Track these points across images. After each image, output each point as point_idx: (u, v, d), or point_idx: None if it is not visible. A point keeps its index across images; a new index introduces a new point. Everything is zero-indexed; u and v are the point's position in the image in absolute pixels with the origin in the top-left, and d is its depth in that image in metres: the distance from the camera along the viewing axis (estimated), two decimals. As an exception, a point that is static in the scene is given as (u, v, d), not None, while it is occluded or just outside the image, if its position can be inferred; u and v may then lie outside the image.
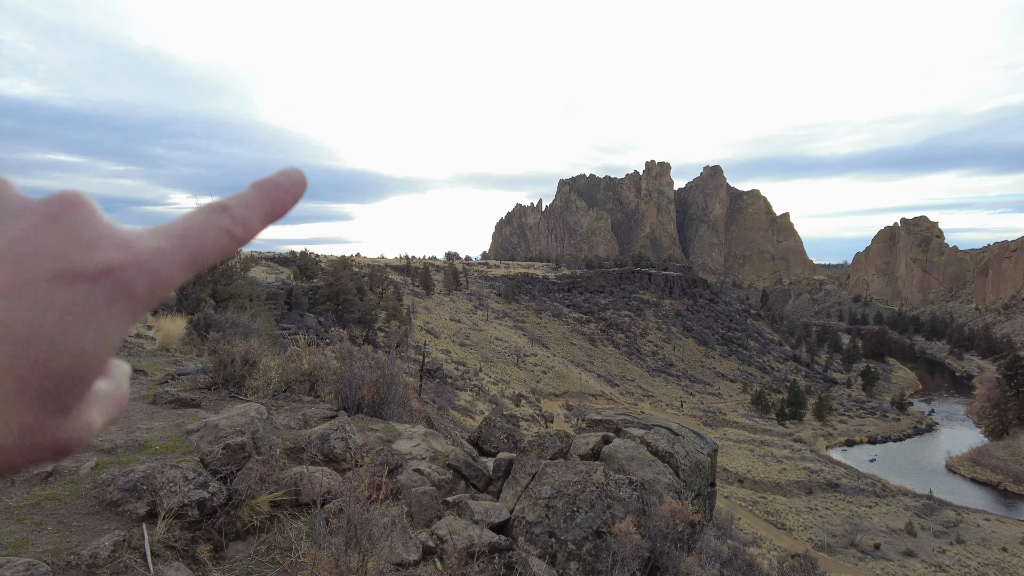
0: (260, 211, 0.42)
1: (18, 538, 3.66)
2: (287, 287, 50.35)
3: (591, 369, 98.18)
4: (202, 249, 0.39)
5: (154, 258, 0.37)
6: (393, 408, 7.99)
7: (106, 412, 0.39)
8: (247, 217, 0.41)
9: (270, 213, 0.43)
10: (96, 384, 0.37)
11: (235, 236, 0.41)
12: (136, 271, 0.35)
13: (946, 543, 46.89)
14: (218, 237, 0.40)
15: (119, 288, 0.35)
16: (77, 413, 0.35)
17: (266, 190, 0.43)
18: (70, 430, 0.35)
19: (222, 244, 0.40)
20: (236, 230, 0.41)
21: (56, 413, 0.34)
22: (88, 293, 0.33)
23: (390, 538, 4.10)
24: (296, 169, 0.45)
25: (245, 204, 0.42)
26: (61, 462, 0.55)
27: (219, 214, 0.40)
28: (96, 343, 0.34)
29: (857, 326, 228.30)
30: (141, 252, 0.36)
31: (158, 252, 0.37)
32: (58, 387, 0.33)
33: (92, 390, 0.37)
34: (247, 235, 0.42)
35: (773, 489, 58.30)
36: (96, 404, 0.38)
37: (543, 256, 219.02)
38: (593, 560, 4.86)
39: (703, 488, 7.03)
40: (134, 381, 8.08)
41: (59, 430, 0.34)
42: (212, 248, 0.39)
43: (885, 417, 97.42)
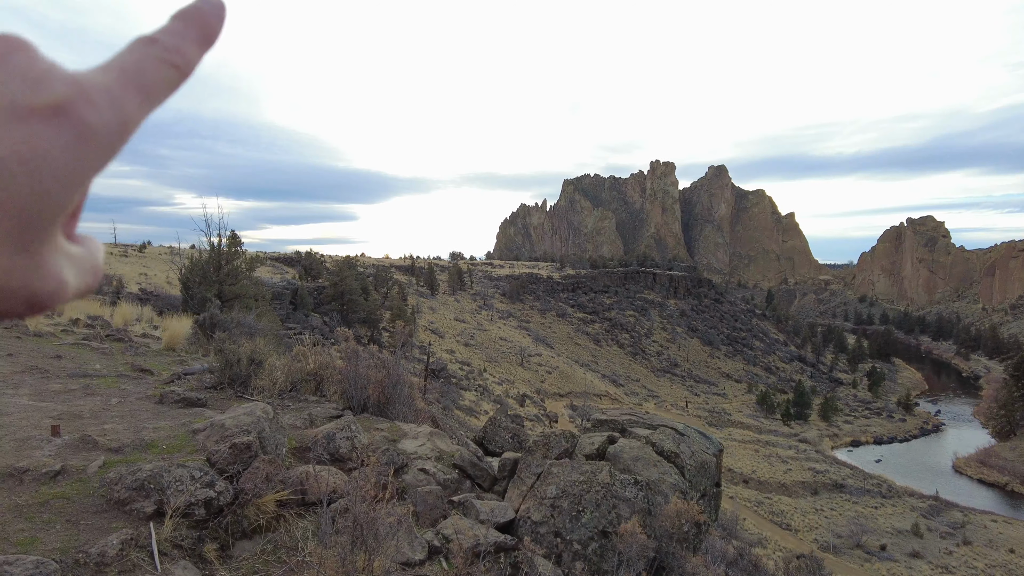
0: (190, 38, 0.42)
1: (27, 536, 3.69)
2: (292, 287, 50.49)
3: (595, 369, 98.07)
4: (146, 82, 0.39)
5: (107, 94, 0.36)
6: (398, 408, 8.00)
7: (81, 276, 0.39)
8: (179, 44, 0.41)
9: (200, 40, 0.43)
10: (66, 244, 0.38)
11: (174, 64, 0.41)
12: (89, 107, 0.35)
13: (953, 544, 46.64)
14: (158, 68, 0.40)
15: (76, 126, 0.34)
16: (44, 259, 0.35)
17: (188, 15, 0.43)
18: (38, 276, 0.35)
19: (164, 75, 0.40)
20: (174, 58, 0.41)
21: (20, 253, 0.34)
22: (43, 130, 0.33)
23: (396, 537, 4.11)
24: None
25: (172, 33, 0.42)
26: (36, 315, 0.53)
27: (150, 46, 0.40)
28: (56, 182, 0.33)
29: (863, 326, 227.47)
30: (90, 88, 0.36)
31: (109, 88, 0.37)
32: (19, 223, 0.33)
33: (60, 243, 0.37)
34: (185, 64, 0.42)
35: (778, 490, 58.11)
36: (67, 261, 0.38)
37: (548, 256, 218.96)
38: (599, 560, 4.86)
39: (708, 488, 7.02)
40: (141, 380, 8.12)
41: (26, 274, 0.34)
42: (155, 80, 0.39)
43: (891, 418, 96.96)
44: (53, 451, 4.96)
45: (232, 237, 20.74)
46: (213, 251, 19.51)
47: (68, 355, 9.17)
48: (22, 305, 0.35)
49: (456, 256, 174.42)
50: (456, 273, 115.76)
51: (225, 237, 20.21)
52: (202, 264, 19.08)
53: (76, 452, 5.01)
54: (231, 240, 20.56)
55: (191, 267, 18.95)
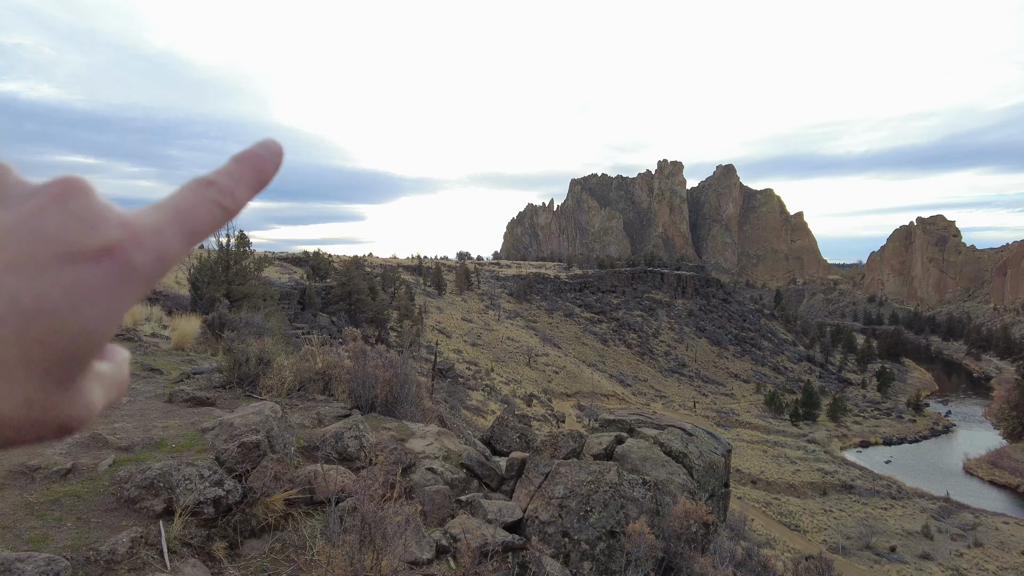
0: (245, 182, 0.44)
1: (39, 534, 3.71)
2: (300, 287, 50.71)
3: (603, 369, 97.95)
4: (196, 223, 0.40)
5: (153, 235, 0.38)
6: (406, 407, 8.01)
7: (107, 393, 0.40)
8: (234, 189, 0.43)
9: (255, 183, 0.44)
10: (97, 365, 0.39)
11: (225, 208, 0.42)
12: (137, 248, 0.37)
13: (964, 546, 46.33)
14: (210, 210, 0.41)
15: (121, 266, 0.36)
16: (79, 390, 0.37)
17: (248, 162, 0.45)
18: (72, 406, 0.36)
19: (214, 216, 0.41)
20: (226, 202, 0.42)
21: (59, 388, 0.35)
22: (92, 271, 0.35)
23: (404, 536, 4.11)
24: (273, 139, 0.47)
25: (230, 177, 0.43)
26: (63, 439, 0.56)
27: (207, 188, 0.42)
28: (99, 320, 0.35)
29: (872, 326, 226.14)
30: (140, 230, 0.37)
31: (156, 229, 0.38)
32: (61, 362, 0.34)
33: (93, 369, 0.38)
34: (236, 206, 0.43)
35: (787, 490, 57.87)
36: (98, 383, 0.39)
37: (555, 256, 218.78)
38: (607, 560, 4.85)
39: (717, 489, 6.99)
40: (150, 380, 8.16)
41: (62, 405, 0.36)
42: (205, 221, 0.41)
43: (901, 418, 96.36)
44: (64, 449, 4.99)
45: (240, 237, 20.83)
46: (222, 251, 19.62)
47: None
48: (53, 433, 0.36)
49: (463, 256, 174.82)
50: (463, 273, 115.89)
51: (233, 237, 20.33)
52: (211, 264, 19.19)
53: (86, 450, 5.04)
54: (239, 240, 20.65)
55: (200, 267, 19.06)
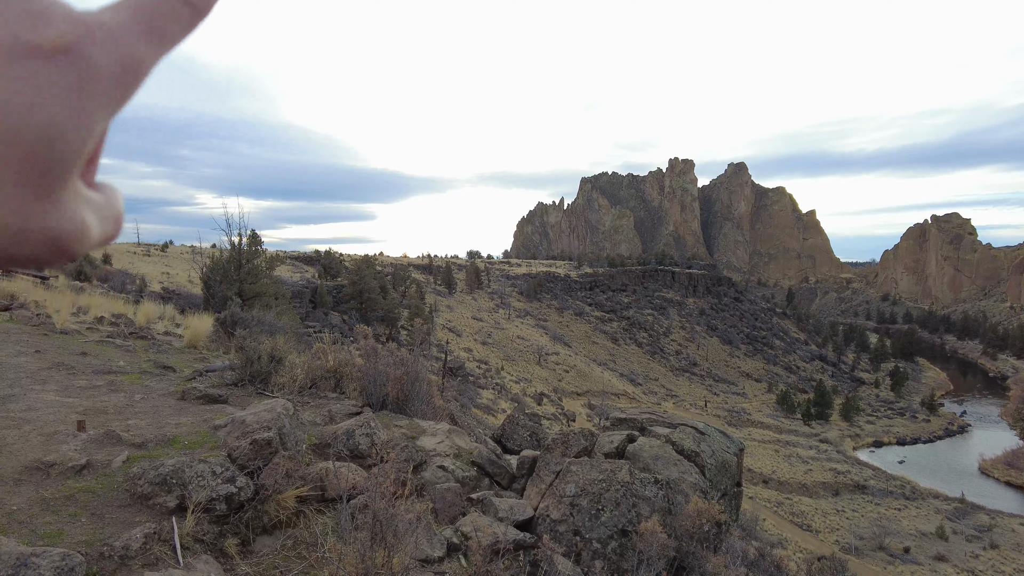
0: None
1: (54, 529, 3.74)
2: (312, 286, 50.99)
3: (613, 368, 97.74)
4: (160, 21, 0.37)
5: (115, 33, 0.35)
6: (417, 405, 8.02)
7: (102, 223, 0.38)
8: None
9: None
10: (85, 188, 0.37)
11: (193, 6, 0.38)
12: (94, 46, 0.34)
13: (979, 548, 45.80)
14: (175, 8, 0.37)
15: (79, 65, 0.33)
16: (63, 202, 0.35)
17: None
18: (58, 218, 0.34)
19: (180, 14, 0.38)
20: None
21: (37, 194, 0.33)
22: (46, 68, 0.32)
23: (415, 534, 4.11)
24: None
25: None
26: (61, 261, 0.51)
27: None
28: (64, 122, 0.33)
29: (885, 325, 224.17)
30: (99, 27, 0.35)
31: (117, 26, 0.35)
32: (33, 162, 0.32)
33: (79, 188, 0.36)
34: (204, 4, 0.39)
35: (799, 490, 57.49)
36: (88, 207, 0.37)
37: (565, 255, 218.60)
38: (618, 559, 4.82)
39: (729, 488, 6.95)
40: (163, 377, 8.23)
41: (47, 216, 0.34)
42: (170, 19, 0.37)
43: (915, 418, 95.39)
44: (79, 446, 5.04)
45: (252, 236, 20.95)
46: (234, 250, 19.74)
47: (93, 352, 9.32)
48: (45, 249, 0.35)
49: (473, 255, 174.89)
50: (473, 272, 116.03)
51: (245, 236, 20.44)
52: (223, 263, 19.32)
53: (101, 447, 5.08)
54: (251, 239, 20.77)
55: (212, 266, 19.20)
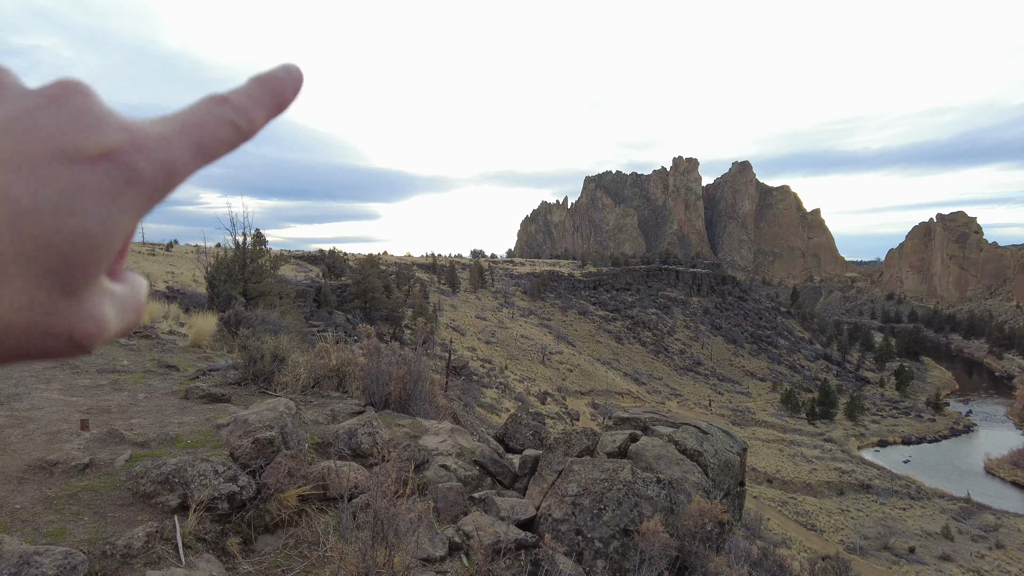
0: (261, 103, 0.42)
1: (56, 528, 3.76)
2: (316, 285, 51.06)
3: (617, 367, 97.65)
4: (206, 138, 0.39)
5: (159, 144, 0.36)
6: (420, 404, 8.03)
7: (122, 316, 0.39)
8: (249, 109, 0.41)
9: (271, 106, 0.42)
10: (109, 284, 0.38)
11: (238, 127, 0.40)
12: (140, 155, 0.35)
13: (985, 548, 45.59)
14: (221, 127, 0.39)
15: (123, 172, 0.34)
16: (86, 300, 0.35)
17: (266, 83, 0.43)
18: (79, 317, 0.35)
19: (226, 134, 0.40)
20: (240, 121, 0.40)
21: (63, 294, 0.34)
22: (91, 174, 0.33)
23: (416, 533, 4.11)
24: (295, 64, 0.44)
25: (246, 96, 0.41)
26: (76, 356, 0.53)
27: (220, 105, 0.40)
28: (101, 225, 0.33)
29: (890, 324, 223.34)
30: (145, 137, 0.36)
31: (162, 138, 0.37)
32: (62, 265, 0.33)
33: (103, 284, 0.37)
34: (251, 127, 0.41)
35: (803, 489, 57.33)
36: (109, 301, 0.38)
37: (569, 254, 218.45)
38: (620, 559, 4.81)
39: (732, 487, 6.93)
40: (167, 376, 8.25)
41: (69, 315, 0.34)
42: (216, 138, 0.39)
43: (920, 417, 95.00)
44: (82, 444, 5.05)
45: (256, 236, 21.01)
46: (238, 249, 19.77)
47: (97, 351, 9.35)
48: (63, 346, 0.35)
49: (477, 254, 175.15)
50: (477, 271, 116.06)
51: (250, 236, 20.46)
52: (227, 262, 19.34)
53: (104, 446, 5.10)
54: (255, 239, 20.82)
55: (216, 265, 19.22)
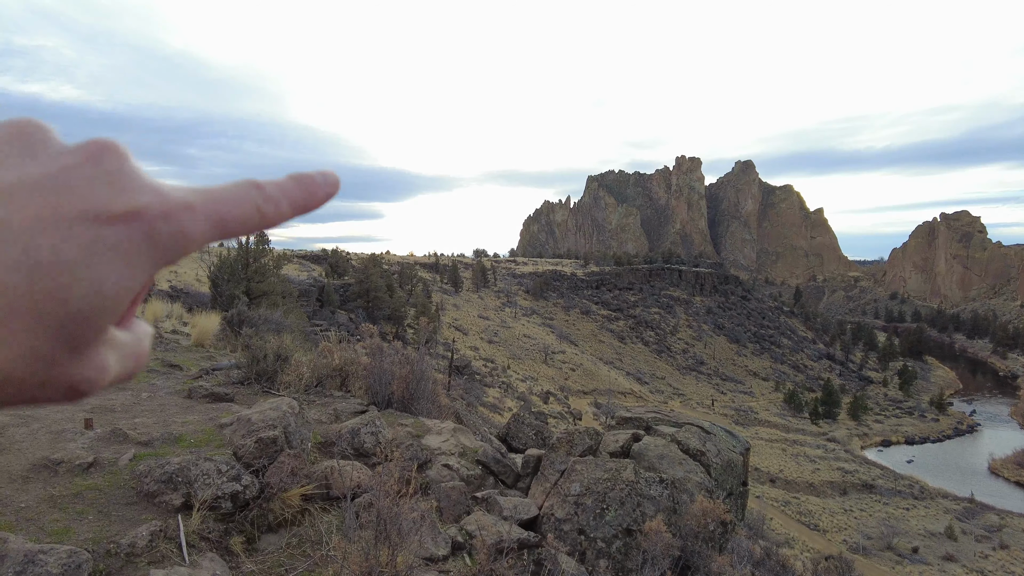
0: (292, 198, 0.43)
1: (61, 526, 3.77)
2: (319, 284, 51.17)
3: (620, 367, 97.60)
4: (229, 216, 0.40)
5: (182, 211, 0.37)
6: (422, 404, 8.03)
7: (123, 362, 0.40)
8: (279, 200, 0.42)
9: (300, 204, 0.44)
10: (114, 332, 0.38)
11: (264, 214, 0.42)
12: (162, 219, 0.36)
13: (989, 548, 45.48)
14: (247, 210, 0.41)
15: (143, 233, 0.35)
16: (92, 353, 0.36)
17: (302, 182, 0.44)
18: (84, 369, 0.36)
19: (249, 217, 0.41)
20: (266, 208, 0.42)
21: (71, 348, 0.34)
22: (113, 233, 0.34)
23: (419, 533, 4.12)
24: (333, 172, 0.47)
25: (280, 188, 0.43)
26: (73, 403, 0.54)
27: (253, 189, 0.42)
28: (115, 283, 0.34)
29: (894, 324, 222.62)
30: (170, 203, 0.37)
31: (186, 207, 0.38)
32: (74, 321, 0.33)
33: (109, 335, 0.38)
34: (275, 217, 0.43)
35: (806, 489, 57.26)
36: (113, 350, 0.38)
37: (571, 253, 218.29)
38: (623, 558, 4.81)
39: (735, 487, 6.92)
40: (170, 376, 8.27)
41: (73, 367, 0.35)
42: (239, 218, 0.40)
43: (923, 417, 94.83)
44: (86, 444, 5.07)
45: (259, 235, 21.02)
46: (241, 249, 19.81)
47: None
48: (61, 394, 0.36)
49: (480, 253, 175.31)
50: (480, 270, 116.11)
51: (252, 235, 20.47)
52: (230, 262, 19.37)
53: (108, 445, 5.11)
54: (258, 238, 20.83)
55: (220, 265, 19.25)
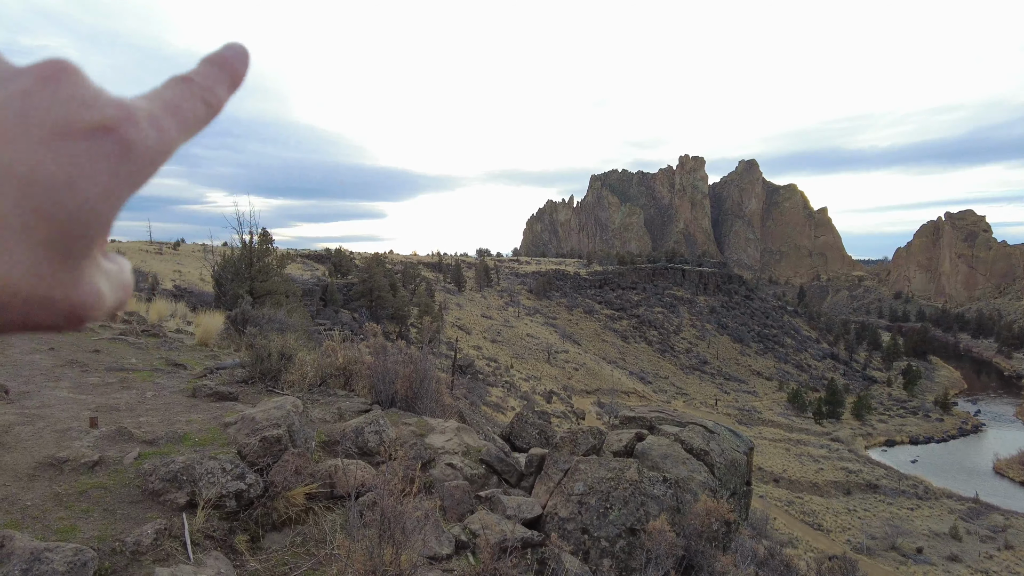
0: (221, 81, 0.44)
1: (66, 524, 3.79)
2: (322, 284, 51.25)
3: (623, 366, 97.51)
4: (186, 114, 0.41)
5: (150, 119, 0.38)
6: (426, 403, 8.04)
7: (115, 292, 0.40)
8: (213, 86, 0.43)
9: (229, 83, 0.45)
10: (101, 259, 0.39)
11: (209, 104, 0.43)
12: (134, 128, 0.37)
13: (993, 548, 45.32)
14: (195, 104, 0.42)
15: (119, 143, 0.36)
16: (86, 272, 0.37)
17: (218, 63, 0.45)
18: (80, 290, 0.36)
19: (201, 111, 0.42)
20: (208, 97, 0.43)
21: (65, 265, 0.35)
22: (88, 146, 0.35)
23: (423, 531, 4.12)
24: (237, 42, 0.47)
25: (204, 75, 0.44)
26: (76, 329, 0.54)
27: (188, 84, 0.42)
28: (99, 196, 0.35)
29: (898, 323, 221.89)
30: (135, 112, 0.38)
31: (151, 114, 0.38)
32: (64, 236, 0.34)
33: (99, 259, 0.38)
34: (218, 103, 0.44)
35: (809, 489, 57.13)
36: (104, 277, 0.39)
37: (574, 252, 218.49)
38: (626, 558, 4.81)
39: (739, 487, 6.91)
40: (174, 375, 8.29)
41: (69, 285, 0.35)
42: (194, 114, 0.41)
43: (928, 417, 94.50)
44: (91, 442, 5.09)
45: (263, 235, 21.07)
46: (245, 248, 19.85)
47: (106, 350, 9.41)
48: (62, 318, 0.36)
49: (483, 253, 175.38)
50: (483, 270, 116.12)
51: (256, 235, 20.53)
52: (234, 261, 19.42)
53: (113, 443, 5.13)
54: (262, 238, 20.88)
55: (223, 264, 19.30)
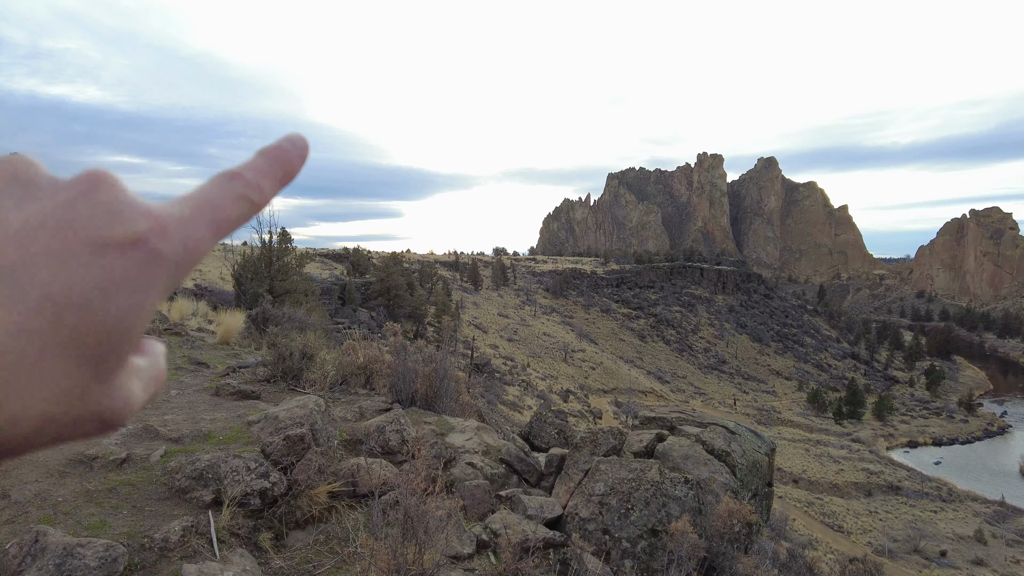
0: (271, 176, 0.44)
1: (97, 520, 3.86)
2: (340, 283, 51.65)
3: (640, 366, 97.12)
4: (223, 215, 0.41)
5: (179, 225, 0.38)
6: (445, 402, 8.06)
7: (146, 387, 0.40)
8: (260, 183, 0.43)
9: (280, 177, 0.45)
10: (134, 359, 0.39)
11: (252, 201, 0.42)
12: (163, 238, 0.37)
13: (1020, 553, 44.44)
14: (236, 203, 0.42)
15: (148, 255, 0.36)
16: (118, 382, 0.37)
17: (274, 156, 0.45)
18: (113, 400, 0.36)
19: (241, 210, 0.42)
20: (252, 195, 0.42)
21: (98, 379, 0.35)
22: (121, 261, 0.35)
23: (445, 531, 4.14)
24: (299, 134, 0.47)
25: (256, 171, 0.43)
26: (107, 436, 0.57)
27: (233, 181, 0.42)
28: (131, 309, 0.35)
29: (921, 323, 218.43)
30: (166, 220, 0.38)
31: (182, 220, 0.39)
32: (98, 352, 0.34)
33: (131, 362, 0.38)
34: (262, 200, 0.43)
35: (830, 490, 56.47)
36: (136, 377, 0.39)
37: (591, 251, 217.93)
38: (648, 559, 4.79)
39: (760, 488, 6.85)
40: (197, 373, 8.40)
41: (102, 398, 0.36)
42: (232, 214, 0.41)
43: (951, 418, 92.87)
44: (119, 440, 5.18)
45: (282, 234, 21.27)
46: (264, 248, 20.07)
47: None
48: (95, 428, 0.37)
49: (499, 251, 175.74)
50: (499, 268, 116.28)
51: (276, 234, 20.75)
52: (254, 260, 19.64)
53: (140, 441, 5.22)
54: (281, 237, 21.08)
55: (243, 263, 19.52)
